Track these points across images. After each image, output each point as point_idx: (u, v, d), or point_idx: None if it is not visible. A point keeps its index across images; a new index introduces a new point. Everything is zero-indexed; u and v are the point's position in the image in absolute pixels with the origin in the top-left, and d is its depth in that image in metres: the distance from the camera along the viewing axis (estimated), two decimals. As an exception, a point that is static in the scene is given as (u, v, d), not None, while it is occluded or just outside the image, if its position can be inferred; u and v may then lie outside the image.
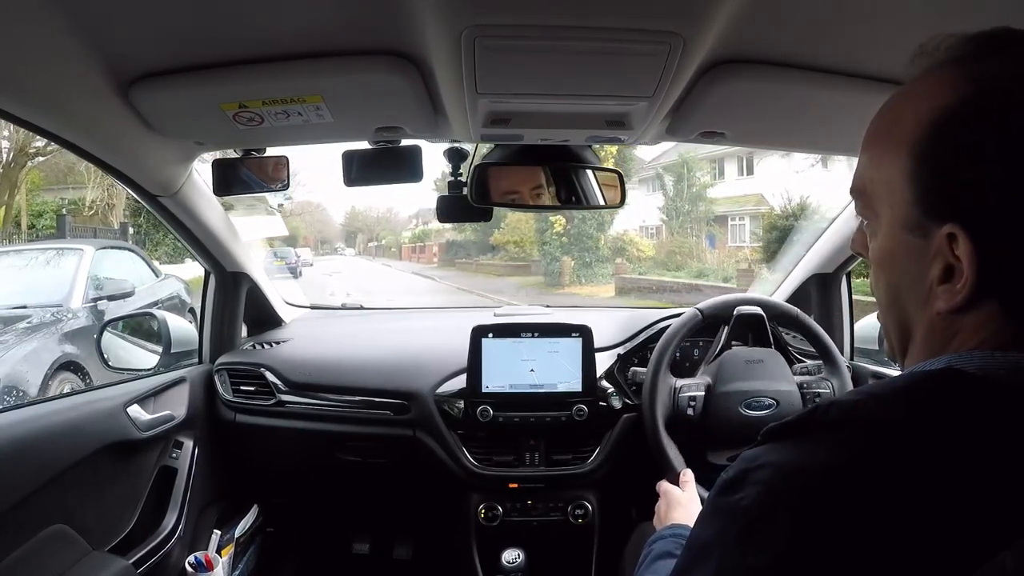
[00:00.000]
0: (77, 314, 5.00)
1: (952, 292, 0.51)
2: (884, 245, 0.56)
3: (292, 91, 1.10)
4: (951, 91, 0.51)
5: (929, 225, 0.51)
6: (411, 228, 36.62)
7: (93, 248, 5.81)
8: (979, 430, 0.46)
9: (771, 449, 0.52)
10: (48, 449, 1.28)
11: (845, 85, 1.09)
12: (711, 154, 18.08)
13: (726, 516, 0.51)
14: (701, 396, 1.60)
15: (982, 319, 0.51)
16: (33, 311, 4.91)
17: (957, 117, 0.50)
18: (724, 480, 0.53)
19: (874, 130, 0.58)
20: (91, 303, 5.21)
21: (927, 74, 0.54)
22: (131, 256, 6.55)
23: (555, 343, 1.75)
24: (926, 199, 0.52)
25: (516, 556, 1.75)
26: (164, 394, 1.71)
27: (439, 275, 22.48)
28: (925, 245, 0.52)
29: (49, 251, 6.03)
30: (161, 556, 1.56)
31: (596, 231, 17.02)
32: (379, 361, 1.89)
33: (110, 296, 5.31)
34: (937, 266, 0.52)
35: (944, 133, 0.51)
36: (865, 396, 0.52)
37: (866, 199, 0.58)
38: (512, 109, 1.18)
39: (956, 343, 0.53)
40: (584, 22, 0.86)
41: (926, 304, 0.54)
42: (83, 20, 0.89)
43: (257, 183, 1.47)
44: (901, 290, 0.56)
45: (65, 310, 5.00)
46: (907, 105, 0.54)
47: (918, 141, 0.52)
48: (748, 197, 17.58)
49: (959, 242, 0.49)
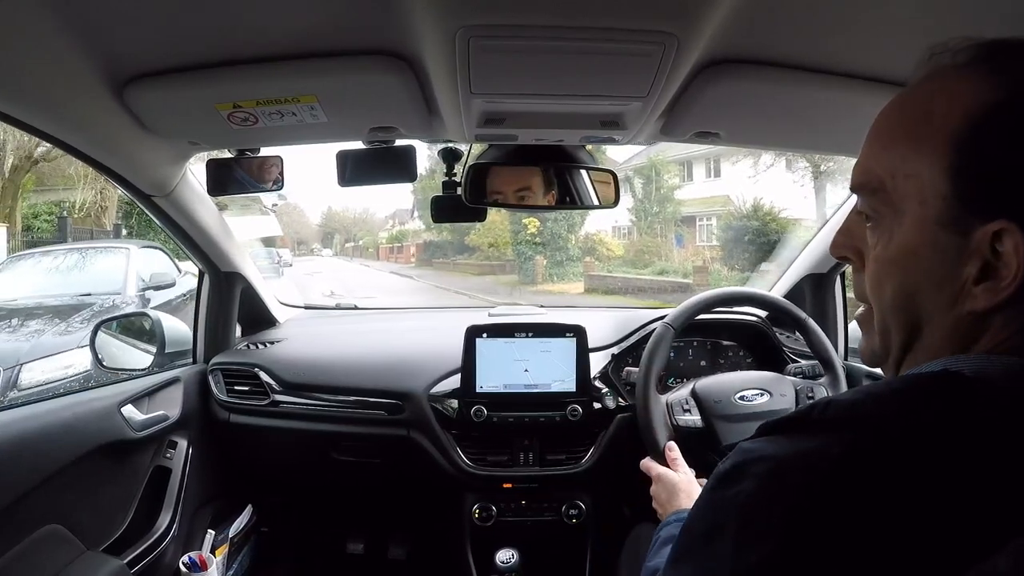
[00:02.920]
0: (132, 300, 6.20)
1: (996, 290, 0.50)
2: (905, 242, 0.55)
3: (286, 91, 1.10)
4: (989, 88, 0.51)
5: (969, 220, 0.51)
6: (388, 229, 36.67)
7: (136, 247, 7.13)
8: (973, 432, 0.47)
9: (768, 443, 0.52)
10: (42, 449, 1.28)
11: (839, 85, 1.10)
12: (679, 156, 18.66)
13: (723, 509, 0.51)
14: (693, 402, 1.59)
15: (1010, 317, 0.51)
16: (97, 298, 6.03)
17: (1006, 112, 0.50)
18: (721, 472, 0.53)
19: (893, 123, 0.57)
20: (141, 292, 6.36)
21: (952, 72, 0.54)
22: (162, 254, 7.52)
23: (549, 343, 1.76)
24: (968, 193, 0.51)
25: (510, 556, 1.75)
26: (158, 394, 1.71)
27: (417, 274, 22.97)
28: (960, 242, 0.51)
29: (100, 249, 7.44)
30: (155, 556, 1.56)
31: (567, 232, 17.75)
32: (373, 361, 1.88)
33: (156, 287, 6.46)
34: (975, 264, 0.51)
35: (991, 127, 0.50)
36: (863, 395, 0.52)
37: (885, 195, 0.56)
38: (506, 109, 1.18)
39: (984, 341, 0.53)
40: (578, 22, 0.86)
41: (955, 304, 0.53)
42: (77, 20, 0.89)
43: (251, 183, 1.47)
44: (920, 289, 0.55)
45: (123, 297, 6.18)
46: (937, 101, 0.54)
47: (960, 134, 0.51)
48: (715, 198, 18.03)
49: (1006, 239, 0.49)
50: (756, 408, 1.55)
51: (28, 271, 6.81)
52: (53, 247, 8.24)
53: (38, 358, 4.85)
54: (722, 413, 1.55)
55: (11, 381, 4.62)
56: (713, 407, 1.56)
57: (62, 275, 6.67)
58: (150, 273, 6.57)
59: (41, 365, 4.81)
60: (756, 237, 14.62)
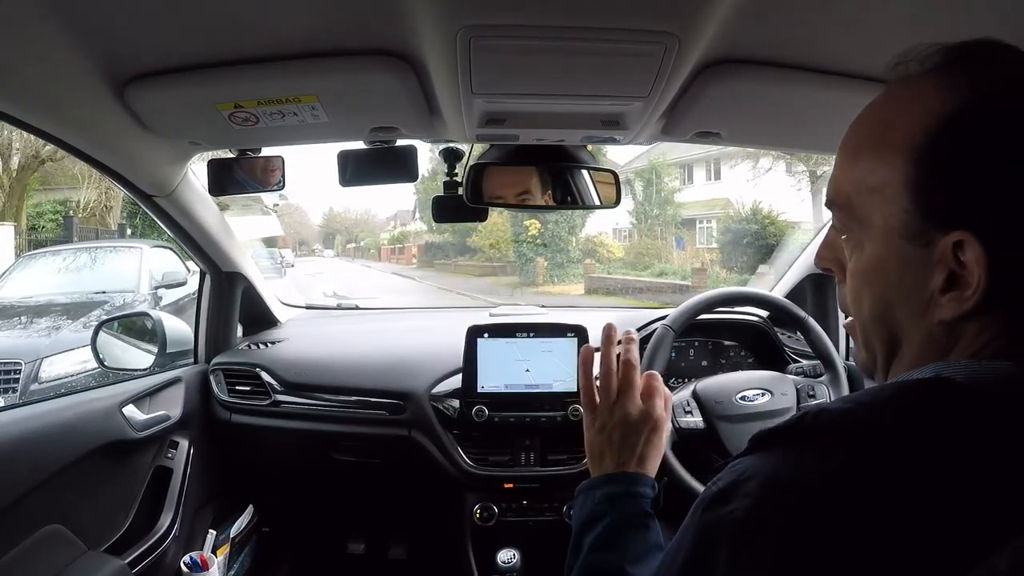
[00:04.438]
0: (145, 298, 6.50)
1: (961, 300, 0.50)
2: (874, 256, 0.55)
3: (287, 91, 1.10)
4: (949, 97, 0.50)
5: (931, 232, 0.51)
6: (389, 230, 36.64)
7: (148, 246, 7.32)
8: (967, 439, 0.46)
9: (760, 460, 0.51)
10: (43, 449, 1.28)
11: (841, 85, 1.09)
12: (680, 159, 18.84)
13: (716, 530, 0.50)
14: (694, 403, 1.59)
15: (985, 325, 0.51)
16: (111, 296, 6.34)
17: (961, 122, 0.50)
18: (712, 492, 0.52)
19: (859, 136, 0.57)
20: (153, 290, 6.64)
21: (914, 81, 0.54)
22: (172, 254, 7.53)
23: (550, 343, 1.75)
24: (929, 206, 0.51)
25: (511, 556, 1.75)
26: (160, 394, 1.71)
27: (419, 275, 23.07)
28: (925, 254, 0.51)
29: (113, 249, 7.81)
30: (156, 556, 1.56)
31: (568, 233, 17.87)
32: (374, 361, 1.89)
33: (168, 285, 6.67)
34: (939, 275, 0.51)
35: (948, 138, 0.50)
36: (854, 404, 0.51)
37: (850, 209, 0.56)
38: (507, 109, 1.18)
39: (959, 349, 0.52)
40: (579, 22, 0.86)
41: (925, 314, 0.53)
42: (78, 20, 0.89)
43: (252, 184, 1.47)
44: (892, 301, 0.55)
45: (137, 295, 6.48)
46: (898, 111, 0.54)
47: (918, 147, 0.51)
48: (716, 201, 18.17)
49: (967, 249, 0.49)
50: (757, 408, 1.55)
51: (43, 270, 7.07)
52: (66, 247, 8.54)
53: (58, 353, 5.08)
54: (723, 414, 1.55)
55: (32, 375, 4.91)
56: (714, 408, 1.56)
57: (76, 274, 6.98)
58: (162, 272, 6.77)
59: (60, 360, 5.03)
60: (754, 240, 14.80)
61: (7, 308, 6.10)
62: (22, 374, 4.89)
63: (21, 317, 5.83)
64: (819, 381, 1.64)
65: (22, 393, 4.80)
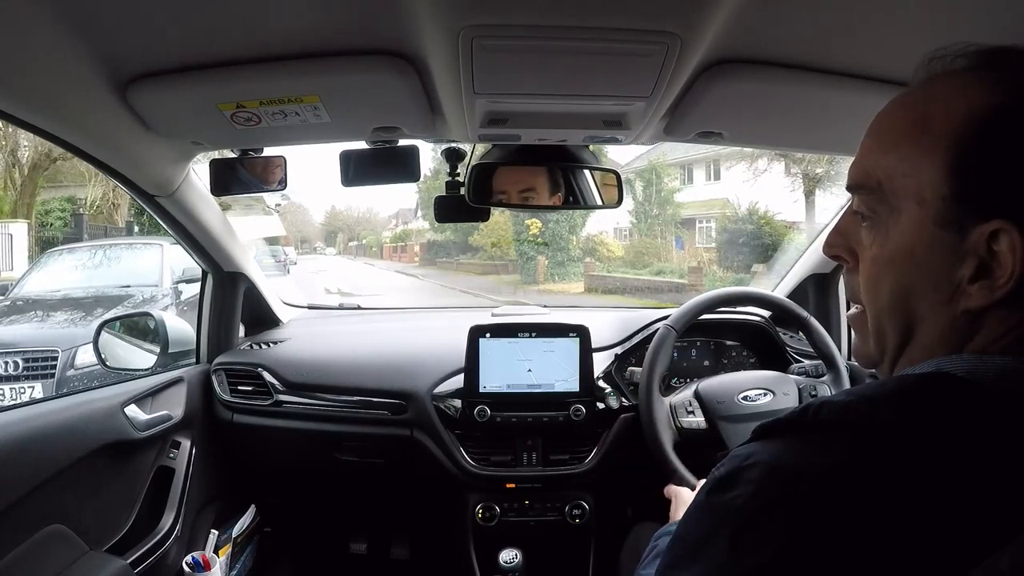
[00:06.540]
0: (167, 292, 6.81)
1: (992, 289, 0.51)
2: (902, 241, 0.55)
3: (289, 91, 1.10)
4: (991, 92, 0.52)
5: (967, 220, 0.51)
6: (391, 228, 36.74)
7: (168, 243, 7.23)
8: (968, 433, 0.47)
9: (763, 447, 0.52)
10: (45, 449, 1.28)
11: (843, 85, 1.09)
12: (680, 160, 19.09)
13: (718, 515, 0.51)
14: (696, 403, 1.59)
15: (1004, 317, 0.52)
16: (136, 290, 6.71)
17: (1007, 115, 0.51)
18: (715, 478, 0.53)
19: (895, 127, 0.57)
20: (174, 285, 6.90)
21: (953, 76, 0.55)
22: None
23: (552, 343, 1.75)
24: (967, 195, 0.52)
25: (513, 556, 1.75)
26: (161, 394, 1.71)
27: (421, 273, 23.32)
28: (956, 241, 0.52)
29: (135, 245, 8.20)
30: (158, 556, 1.56)
31: (569, 233, 18.11)
32: (376, 361, 1.88)
33: (188, 280, 6.69)
34: (970, 263, 0.52)
35: (992, 130, 0.51)
36: (856, 397, 0.52)
37: (882, 194, 0.57)
38: (510, 109, 1.18)
39: (977, 340, 0.53)
40: (581, 22, 0.86)
41: (949, 302, 0.53)
42: (80, 20, 0.89)
43: (254, 183, 1.47)
44: (914, 288, 0.55)
45: (160, 289, 6.80)
46: (937, 104, 0.55)
47: (960, 138, 0.52)
48: (715, 201, 18.34)
49: (1002, 239, 0.50)
50: (760, 408, 1.55)
51: (68, 265, 7.44)
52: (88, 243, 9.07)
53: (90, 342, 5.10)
54: (725, 414, 1.55)
55: (69, 362, 5.23)
56: (716, 408, 1.56)
57: (101, 269, 7.40)
58: (182, 268, 6.87)
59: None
60: (751, 240, 14.94)
61: (40, 300, 6.43)
62: (59, 361, 5.18)
63: (54, 309, 6.14)
64: (821, 381, 1.64)
65: (59, 379, 5.14)
